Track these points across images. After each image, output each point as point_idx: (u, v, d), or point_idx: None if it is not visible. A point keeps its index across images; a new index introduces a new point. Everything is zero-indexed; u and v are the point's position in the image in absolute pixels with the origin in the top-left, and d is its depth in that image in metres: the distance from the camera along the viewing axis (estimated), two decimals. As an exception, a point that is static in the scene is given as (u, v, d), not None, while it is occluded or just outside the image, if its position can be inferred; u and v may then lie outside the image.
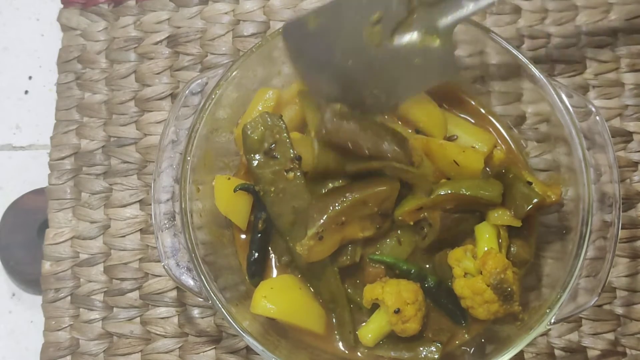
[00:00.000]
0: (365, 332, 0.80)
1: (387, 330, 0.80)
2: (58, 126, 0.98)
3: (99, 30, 1.01)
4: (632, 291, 0.91)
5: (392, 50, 0.78)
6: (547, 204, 0.80)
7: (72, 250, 0.93)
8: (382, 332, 0.80)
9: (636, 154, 0.95)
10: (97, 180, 0.96)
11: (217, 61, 0.99)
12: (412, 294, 0.78)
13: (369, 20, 0.77)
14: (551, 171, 0.86)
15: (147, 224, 0.94)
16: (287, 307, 0.79)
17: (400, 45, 0.77)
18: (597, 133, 0.80)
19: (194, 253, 0.77)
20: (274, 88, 0.86)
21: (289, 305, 0.79)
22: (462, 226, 0.80)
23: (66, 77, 1.00)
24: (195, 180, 0.80)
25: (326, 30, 0.79)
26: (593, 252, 0.78)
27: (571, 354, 0.89)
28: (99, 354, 0.90)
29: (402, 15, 0.77)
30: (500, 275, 0.75)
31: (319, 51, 0.80)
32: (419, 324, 0.78)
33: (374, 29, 0.77)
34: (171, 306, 0.91)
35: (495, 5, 0.98)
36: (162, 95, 0.98)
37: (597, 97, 0.96)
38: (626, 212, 0.92)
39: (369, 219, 0.79)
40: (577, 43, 0.98)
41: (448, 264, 0.79)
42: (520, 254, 0.82)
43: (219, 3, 1.01)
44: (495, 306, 0.76)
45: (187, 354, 0.90)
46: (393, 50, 0.78)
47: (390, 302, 0.77)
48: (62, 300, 0.92)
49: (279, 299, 0.79)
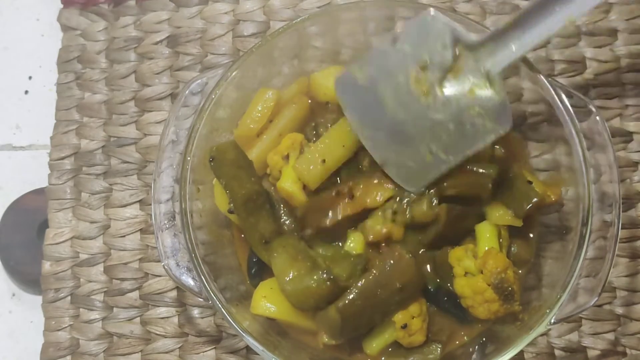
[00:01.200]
0: (370, 342, 0.80)
1: (392, 341, 0.80)
2: (58, 126, 0.98)
3: (99, 30, 1.01)
4: (632, 291, 0.91)
5: (443, 100, 0.74)
6: (547, 203, 0.80)
7: (72, 250, 0.93)
8: (387, 343, 0.80)
9: (636, 154, 0.95)
10: (97, 180, 0.96)
11: (217, 61, 0.99)
12: (417, 306, 0.78)
13: (415, 68, 0.74)
14: (551, 171, 0.86)
15: (147, 224, 0.94)
16: (287, 307, 0.78)
17: (450, 94, 0.74)
18: (597, 133, 0.80)
19: (194, 253, 0.77)
20: (274, 88, 0.85)
21: (289, 305, 0.79)
22: (464, 223, 0.80)
23: (66, 77, 1.00)
24: (195, 180, 0.80)
25: (374, 82, 0.76)
26: (593, 252, 0.78)
27: (571, 354, 0.89)
28: (99, 354, 0.90)
29: (448, 60, 0.73)
30: (501, 275, 0.75)
31: (370, 105, 0.77)
32: (424, 335, 0.79)
33: (421, 77, 0.74)
34: (171, 306, 0.91)
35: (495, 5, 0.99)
36: (162, 95, 0.98)
37: (597, 97, 0.96)
38: (626, 212, 0.92)
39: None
40: (578, 43, 0.98)
41: (449, 263, 0.79)
42: (520, 254, 0.82)
43: (219, 3, 1.01)
44: (496, 305, 0.76)
45: (187, 354, 0.90)
46: (444, 100, 0.74)
47: (397, 318, 0.77)
48: (62, 300, 0.92)
49: (279, 299, 0.78)
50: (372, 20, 0.87)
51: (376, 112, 0.77)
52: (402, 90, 0.75)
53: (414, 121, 0.76)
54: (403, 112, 0.76)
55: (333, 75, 0.84)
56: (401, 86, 0.75)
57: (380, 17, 0.88)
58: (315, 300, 0.76)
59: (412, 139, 0.76)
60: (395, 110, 0.76)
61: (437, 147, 0.75)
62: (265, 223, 0.80)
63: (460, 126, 0.74)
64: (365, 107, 0.78)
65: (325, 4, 1.00)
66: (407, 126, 0.76)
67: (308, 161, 0.79)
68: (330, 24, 0.86)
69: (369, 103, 0.77)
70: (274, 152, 0.83)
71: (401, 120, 0.76)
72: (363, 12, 0.86)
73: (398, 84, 0.75)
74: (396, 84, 0.75)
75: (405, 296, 0.77)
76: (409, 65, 0.75)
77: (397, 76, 0.75)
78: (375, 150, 0.78)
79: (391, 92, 0.76)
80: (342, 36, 0.88)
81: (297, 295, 0.76)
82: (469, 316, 0.80)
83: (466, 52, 0.73)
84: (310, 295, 0.76)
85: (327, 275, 0.75)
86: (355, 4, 0.84)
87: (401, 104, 0.76)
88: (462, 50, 0.73)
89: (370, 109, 0.77)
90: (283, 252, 0.78)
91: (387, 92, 0.76)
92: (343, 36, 0.88)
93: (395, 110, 0.76)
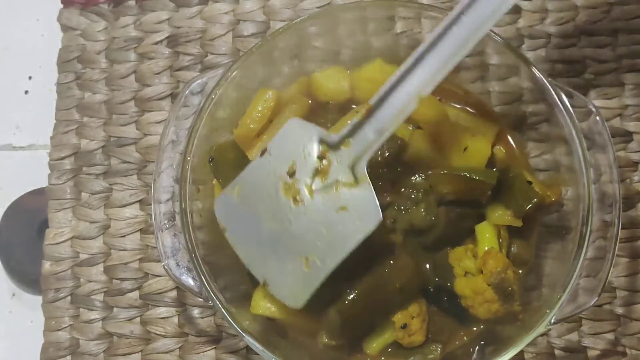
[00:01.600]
0: (370, 342, 0.80)
1: (391, 341, 0.80)
2: (58, 126, 0.98)
3: (99, 30, 1.01)
4: (632, 291, 0.91)
5: (312, 205, 0.73)
6: (547, 203, 0.80)
7: (72, 250, 0.93)
8: (387, 343, 0.80)
9: (636, 154, 0.95)
10: (97, 180, 0.96)
11: (217, 61, 0.99)
12: (417, 306, 0.78)
13: (284, 176, 0.74)
14: (551, 171, 0.86)
15: (147, 224, 0.94)
16: (286, 307, 0.78)
17: (319, 198, 0.73)
18: (597, 133, 0.80)
19: (194, 253, 0.77)
20: (274, 88, 0.86)
21: (289, 305, 0.79)
22: (464, 223, 0.80)
23: (66, 77, 1.00)
24: (195, 180, 0.80)
25: (247, 198, 0.76)
26: (593, 252, 0.78)
27: (571, 354, 0.89)
28: (99, 354, 0.90)
29: (313, 164, 0.73)
30: (501, 275, 0.75)
31: (247, 221, 0.76)
32: (424, 335, 0.79)
33: (290, 183, 0.74)
34: (171, 306, 0.91)
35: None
36: (162, 95, 0.98)
37: (597, 97, 0.96)
38: (626, 212, 0.93)
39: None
40: (577, 43, 0.98)
41: (449, 263, 0.79)
42: (520, 254, 0.82)
43: (219, 3, 1.01)
44: (496, 306, 0.76)
45: (187, 354, 0.90)
46: (314, 204, 0.73)
47: (397, 318, 0.77)
48: (62, 300, 0.92)
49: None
50: (372, 20, 0.87)
51: (253, 228, 0.76)
52: (273, 200, 0.75)
53: (288, 231, 0.74)
54: (277, 223, 0.75)
55: (335, 75, 0.84)
56: (272, 197, 0.75)
57: (380, 17, 0.88)
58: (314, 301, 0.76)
59: (289, 251, 0.75)
60: (270, 222, 0.75)
61: (314, 255, 0.74)
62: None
63: (332, 228, 0.73)
64: (242, 225, 0.77)
65: (325, 4, 1.00)
66: (282, 237, 0.75)
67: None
68: (330, 24, 0.86)
69: (246, 220, 0.76)
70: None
71: (276, 232, 0.75)
72: (363, 12, 0.86)
73: (269, 195, 0.75)
74: (267, 195, 0.75)
75: (405, 296, 0.77)
76: (277, 175, 0.74)
77: (267, 187, 0.75)
78: (256, 268, 0.77)
79: (264, 205, 0.75)
80: (342, 36, 0.88)
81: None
82: (468, 316, 0.80)
83: (330, 152, 0.73)
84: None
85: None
86: (355, 4, 0.84)
87: (274, 214, 0.75)
88: (326, 151, 0.73)
89: (248, 226, 0.77)
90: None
91: (260, 205, 0.76)
92: (343, 36, 0.88)
93: (269, 223, 0.75)
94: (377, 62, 0.84)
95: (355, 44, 0.89)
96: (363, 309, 0.76)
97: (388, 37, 0.89)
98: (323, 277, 0.74)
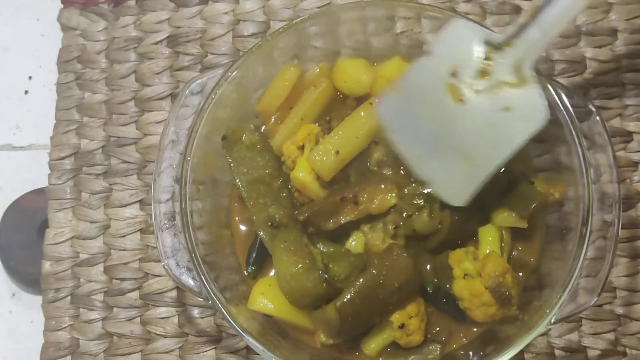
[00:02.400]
0: (368, 342, 0.80)
1: (390, 342, 0.80)
2: (58, 126, 0.98)
3: (99, 30, 1.01)
4: (632, 291, 0.91)
5: (477, 105, 0.72)
6: (551, 202, 0.80)
7: (72, 250, 0.93)
8: (385, 344, 0.80)
9: (636, 154, 0.95)
10: (97, 180, 0.96)
11: (217, 61, 0.99)
12: (415, 306, 0.78)
13: (447, 77, 0.73)
14: (551, 171, 0.86)
15: (147, 224, 0.94)
16: (285, 305, 0.78)
17: (484, 98, 0.72)
18: (597, 133, 0.80)
19: (194, 253, 0.77)
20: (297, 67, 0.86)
21: (286, 303, 0.78)
22: (468, 226, 0.80)
23: (66, 77, 1.00)
24: (195, 180, 0.80)
25: (410, 99, 0.76)
26: (593, 252, 0.78)
27: (571, 354, 0.89)
28: (99, 354, 0.90)
29: (477, 64, 0.73)
30: (498, 279, 0.75)
31: (410, 122, 0.76)
32: (422, 335, 0.79)
33: (452, 84, 0.73)
34: (171, 306, 0.91)
35: (495, 5, 0.99)
36: (162, 95, 0.98)
37: (597, 97, 0.96)
38: (626, 212, 0.92)
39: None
40: (578, 43, 0.98)
41: (448, 264, 0.79)
42: (522, 258, 0.82)
43: (219, 3, 1.01)
44: (493, 309, 0.76)
45: (187, 354, 0.90)
46: (478, 105, 0.73)
47: (394, 317, 0.77)
48: (62, 300, 0.92)
49: (277, 296, 0.78)
50: (372, 20, 0.87)
51: (415, 128, 0.76)
52: (436, 100, 0.74)
53: (451, 131, 0.74)
54: (439, 123, 0.75)
55: (360, 66, 0.85)
56: (435, 97, 0.74)
57: (380, 17, 0.88)
58: (312, 299, 0.76)
59: (452, 150, 0.75)
60: (432, 122, 0.75)
61: (477, 155, 0.74)
62: (278, 207, 0.81)
63: (496, 128, 0.73)
64: (405, 125, 0.77)
65: (325, 4, 1.00)
66: (445, 137, 0.75)
67: (322, 152, 0.80)
68: (330, 24, 0.86)
69: (408, 120, 0.76)
70: (291, 141, 0.83)
71: (439, 131, 0.75)
72: (363, 12, 0.86)
73: (432, 95, 0.74)
74: (430, 95, 0.75)
75: (403, 296, 0.77)
76: (440, 75, 0.74)
77: (430, 88, 0.74)
78: (420, 169, 0.77)
79: (427, 105, 0.75)
80: (342, 36, 0.88)
81: (293, 293, 0.76)
82: (467, 318, 0.80)
83: (495, 54, 0.72)
84: (306, 294, 0.76)
85: (323, 276, 0.75)
86: (355, 4, 0.84)
87: (437, 114, 0.75)
88: (491, 52, 0.72)
89: (410, 126, 0.76)
90: (285, 246, 0.78)
91: (423, 105, 0.75)
92: (343, 36, 0.88)
93: (432, 123, 0.75)
94: (395, 59, 0.85)
95: (355, 44, 0.89)
96: (361, 308, 0.75)
97: (388, 37, 0.89)
98: (485, 176, 0.74)
